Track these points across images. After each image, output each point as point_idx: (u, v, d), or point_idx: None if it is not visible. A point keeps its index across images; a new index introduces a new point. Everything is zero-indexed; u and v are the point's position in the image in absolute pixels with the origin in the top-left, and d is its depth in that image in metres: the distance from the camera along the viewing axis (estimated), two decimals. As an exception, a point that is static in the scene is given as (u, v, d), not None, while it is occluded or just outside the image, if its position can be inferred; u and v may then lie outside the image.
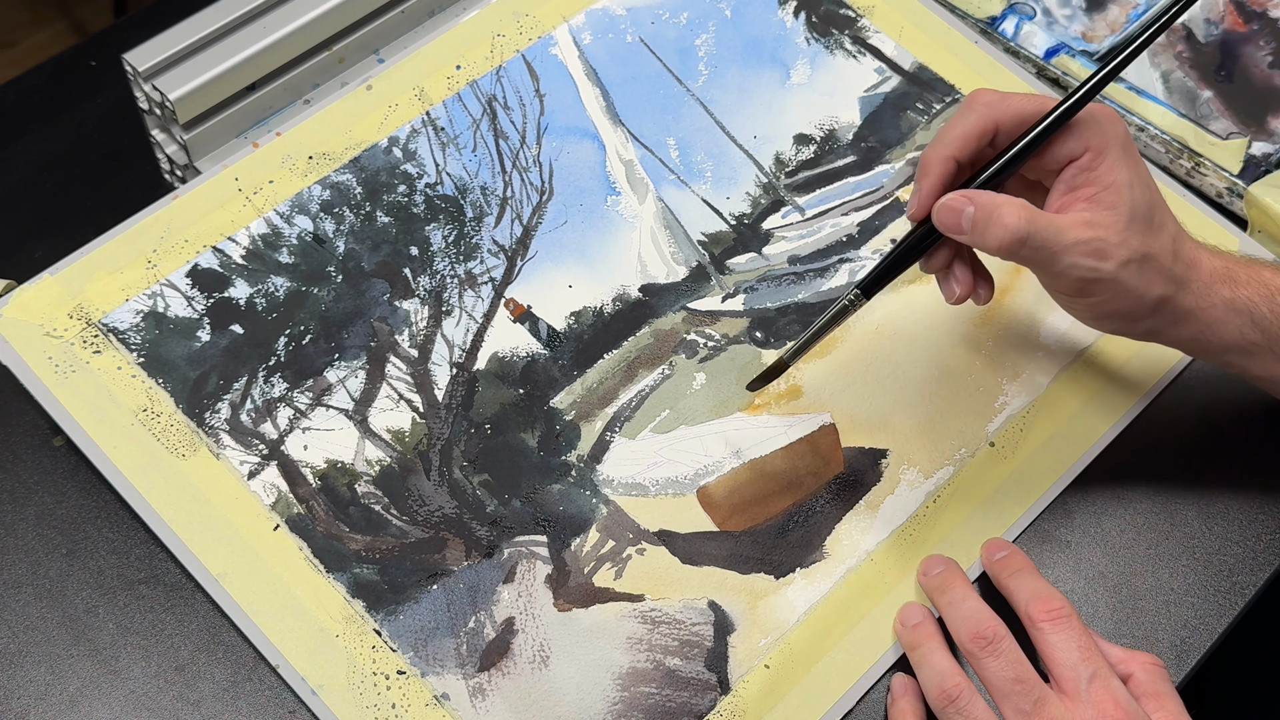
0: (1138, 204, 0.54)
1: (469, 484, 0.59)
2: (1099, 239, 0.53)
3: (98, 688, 0.55)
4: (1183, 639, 0.60)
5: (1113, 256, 0.53)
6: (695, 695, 0.56)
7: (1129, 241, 0.53)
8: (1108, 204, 0.53)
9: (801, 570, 0.59)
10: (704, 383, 0.63)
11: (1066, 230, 0.53)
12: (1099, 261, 0.53)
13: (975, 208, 0.53)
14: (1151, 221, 0.55)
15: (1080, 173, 0.54)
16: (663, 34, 0.73)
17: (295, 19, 0.67)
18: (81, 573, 0.58)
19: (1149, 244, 0.54)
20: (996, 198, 0.53)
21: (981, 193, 0.54)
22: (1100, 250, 0.53)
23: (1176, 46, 0.77)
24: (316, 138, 0.66)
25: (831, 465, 0.62)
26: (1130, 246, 0.54)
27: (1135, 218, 0.54)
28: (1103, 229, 0.53)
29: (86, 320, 0.60)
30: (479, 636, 0.56)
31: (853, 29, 0.75)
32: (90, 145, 0.71)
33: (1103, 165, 0.54)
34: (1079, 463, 0.63)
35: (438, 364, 0.62)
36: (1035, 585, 0.56)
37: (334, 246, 0.64)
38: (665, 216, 0.68)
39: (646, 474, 0.60)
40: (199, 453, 0.58)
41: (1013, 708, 0.52)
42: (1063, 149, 0.54)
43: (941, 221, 0.54)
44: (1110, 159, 0.54)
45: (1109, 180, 0.54)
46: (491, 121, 0.69)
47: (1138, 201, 0.54)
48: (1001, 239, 0.52)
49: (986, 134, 0.55)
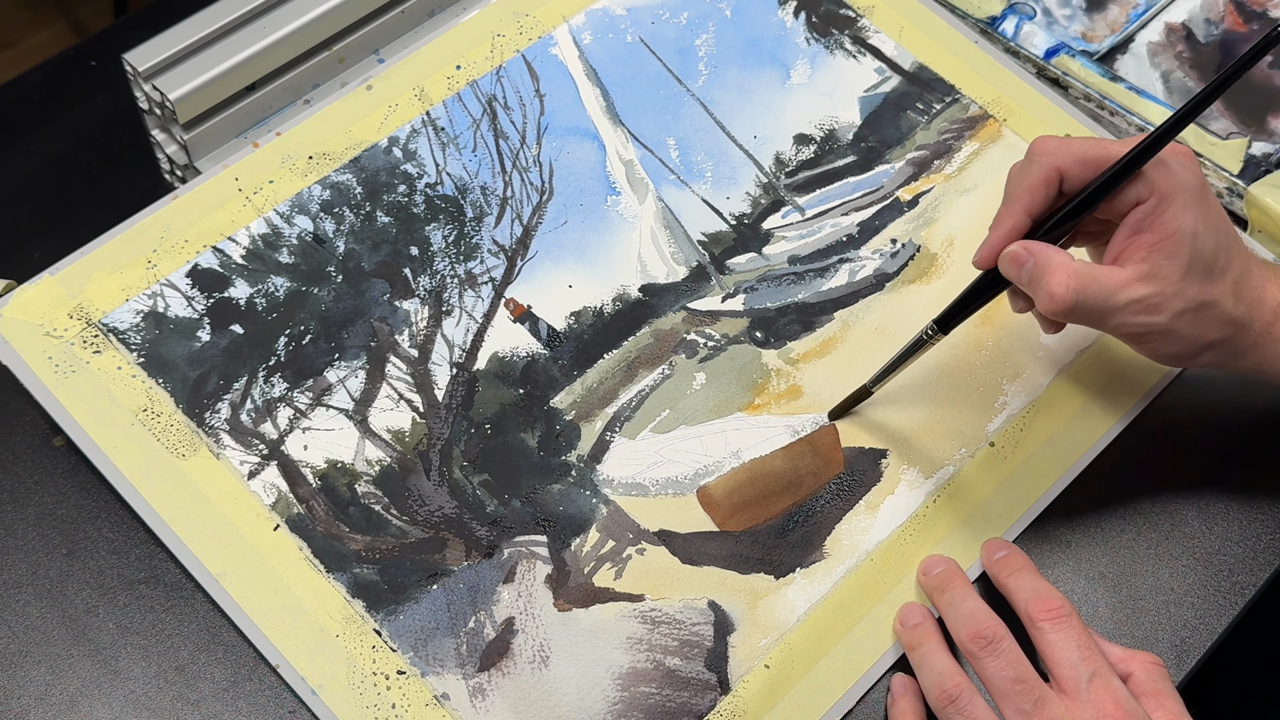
0: (1199, 253, 0.54)
1: (469, 484, 0.59)
2: (1153, 294, 0.53)
3: (98, 688, 0.55)
4: (1183, 639, 0.60)
5: (1166, 309, 0.54)
6: (695, 695, 0.56)
7: (1185, 292, 0.54)
8: (1167, 253, 0.53)
9: (801, 570, 0.59)
10: (704, 383, 0.63)
11: (1118, 291, 0.53)
12: (1152, 317, 0.54)
13: (1033, 264, 0.54)
14: (1213, 268, 0.54)
15: (1145, 217, 0.54)
16: (663, 34, 0.73)
17: (295, 19, 0.67)
18: (81, 573, 0.58)
19: (1207, 292, 0.54)
20: (1051, 259, 0.53)
21: (1042, 249, 0.54)
22: (1154, 306, 0.53)
23: (1176, 46, 0.77)
24: (316, 138, 0.66)
25: (831, 465, 0.62)
26: (1186, 297, 0.54)
27: (1194, 267, 0.54)
28: (1159, 281, 0.53)
29: (86, 320, 0.60)
30: (479, 636, 0.56)
31: (853, 29, 0.75)
32: (90, 145, 0.71)
33: (1168, 212, 0.53)
34: (1079, 463, 0.63)
35: (438, 364, 0.62)
36: (1035, 585, 0.56)
37: (334, 246, 0.64)
38: (665, 216, 0.68)
39: (646, 474, 0.60)
40: (199, 453, 0.58)
41: (1013, 707, 0.52)
42: (1130, 193, 0.54)
43: (1005, 271, 0.55)
44: (1176, 206, 0.53)
45: (1172, 228, 0.53)
46: (491, 121, 0.69)
47: (1200, 250, 0.54)
48: (1047, 305, 0.53)
49: (1052, 183, 0.55)
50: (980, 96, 0.73)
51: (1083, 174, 0.54)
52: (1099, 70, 0.75)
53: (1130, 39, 0.77)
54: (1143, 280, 0.53)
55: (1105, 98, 0.74)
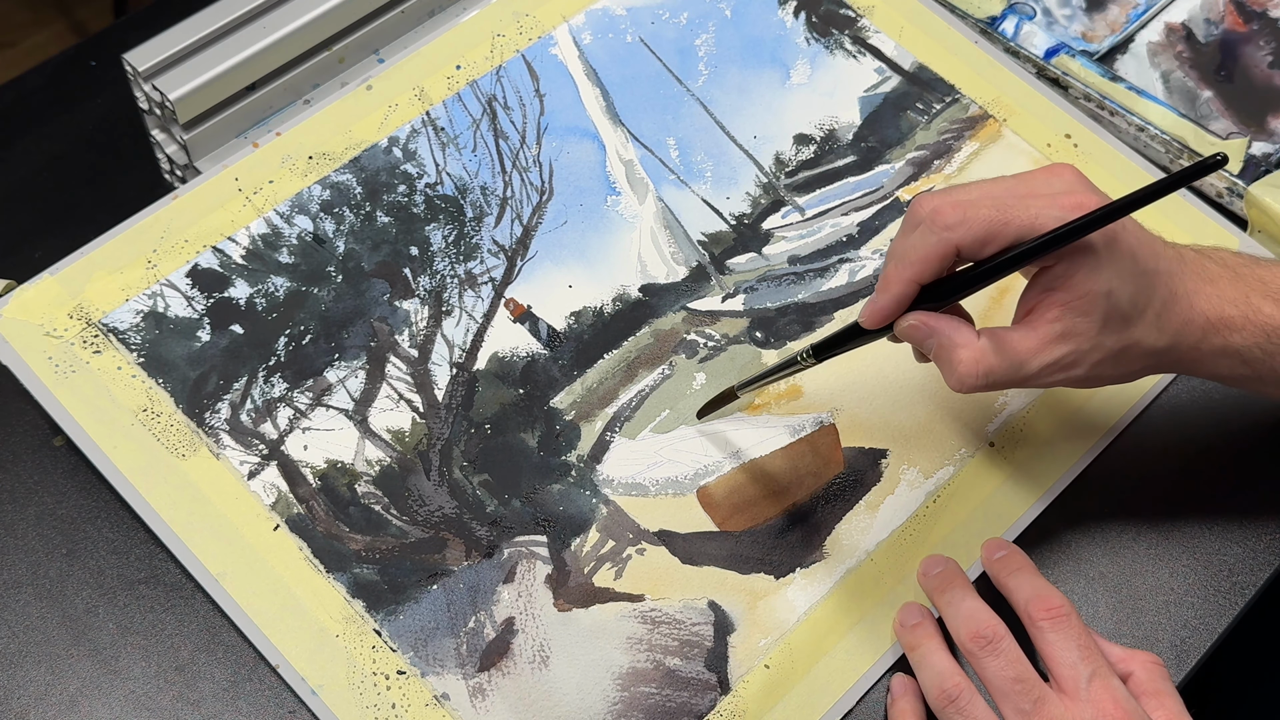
0: (1115, 306, 0.52)
1: (469, 484, 0.59)
2: (1069, 353, 0.52)
3: (98, 688, 0.55)
4: (1183, 639, 0.60)
5: (1083, 364, 0.53)
6: (695, 695, 0.56)
7: (1103, 344, 0.52)
8: (1081, 310, 0.52)
9: (801, 570, 0.59)
10: (704, 383, 0.63)
11: (1032, 359, 0.52)
12: (1069, 372, 0.53)
13: (936, 343, 0.52)
14: (1131, 314, 0.53)
15: (1057, 278, 0.52)
16: (663, 34, 0.73)
17: (295, 19, 0.67)
18: (81, 573, 0.58)
19: (1126, 337, 0.53)
20: (955, 337, 0.51)
21: (942, 327, 0.52)
22: (1070, 364, 0.52)
23: (1176, 46, 0.77)
24: (316, 138, 0.66)
25: (831, 465, 0.62)
26: (1104, 349, 0.52)
27: (1110, 320, 0.52)
28: (1074, 339, 0.52)
29: (86, 320, 0.60)
30: (479, 636, 0.56)
31: (853, 29, 0.75)
32: (90, 145, 0.71)
33: (1078, 274, 0.51)
34: (1079, 463, 0.63)
35: (438, 364, 0.62)
36: (1035, 584, 0.56)
37: (334, 246, 0.64)
38: (665, 216, 0.68)
39: (646, 474, 0.60)
40: (199, 453, 0.58)
41: (1012, 707, 0.52)
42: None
43: (906, 338, 0.53)
44: (1087, 268, 0.51)
45: (1084, 289, 0.51)
46: (491, 121, 0.69)
47: (1115, 304, 0.52)
48: (957, 388, 0.52)
49: (948, 258, 0.52)
50: (980, 96, 0.73)
51: (981, 251, 0.52)
52: (1099, 70, 0.75)
53: (1130, 39, 0.77)
54: (1057, 341, 0.52)
55: (1105, 98, 0.74)
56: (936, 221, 0.51)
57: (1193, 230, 0.70)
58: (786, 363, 0.57)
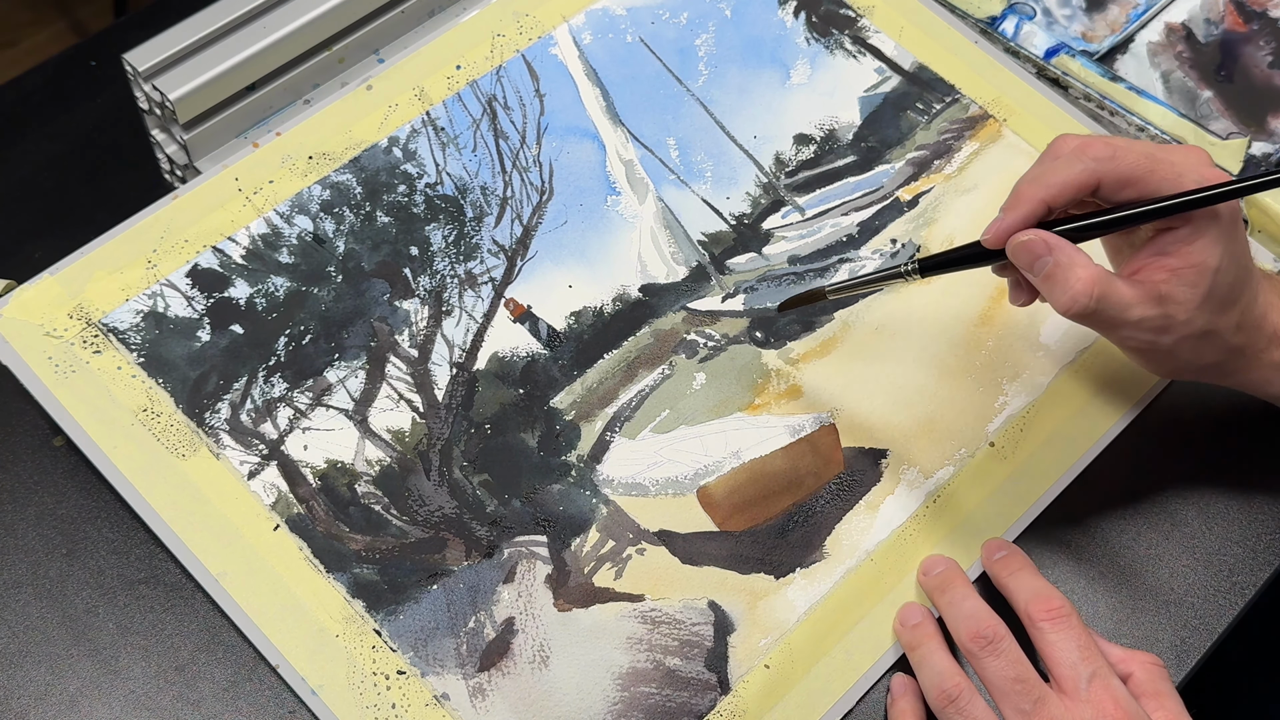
0: (1219, 286, 0.53)
1: (469, 484, 0.59)
2: (1166, 316, 0.53)
3: (98, 688, 0.55)
4: (1183, 639, 0.60)
5: (1174, 332, 0.53)
6: (695, 695, 0.56)
7: (1194, 320, 0.53)
8: (1189, 281, 0.53)
9: (801, 570, 0.59)
10: (704, 383, 0.63)
11: (1134, 306, 0.52)
12: (1158, 336, 0.53)
13: (1053, 261, 0.52)
14: (1227, 300, 0.54)
15: (1174, 244, 0.53)
16: (663, 34, 0.73)
17: (295, 19, 0.67)
18: (81, 573, 0.58)
19: (1215, 321, 0.54)
20: (1075, 258, 0.52)
21: (1063, 245, 0.52)
22: (1163, 328, 0.53)
23: (1176, 46, 0.77)
24: (316, 138, 0.66)
25: (831, 465, 0.62)
26: (1194, 325, 0.53)
27: (1211, 299, 0.53)
28: (1173, 306, 0.53)
29: (86, 320, 0.60)
30: (479, 636, 0.56)
31: (853, 29, 0.75)
32: (90, 145, 0.71)
33: (1197, 243, 0.52)
34: (1079, 463, 0.63)
35: (438, 364, 0.62)
36: (1035, 585, 0.56)
37: (334, 246, 0.64)
38: (665, 216, 0.68)
39: (646, 474, 0.60)
40: (199, 453, 0.58)
41: (1013, 707, 0.52)
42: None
43: (1016, 256, 0.53)
44: (1208, 239, 0.52)
45: (1198, 259, 0.52)
46: (491, 121, 0.69)
47: (1219, 284, 0.53)
48: (1066, 307, 0.52)
49: (1088, 188, 0.53)
50: (980, 96, 0.73)
51: (1118, 190, 0.53)
52: (1099, 70, 0.75)
53: (1130, 39, 0.77)
54: (1158, 301, 0.53)
55: (1105, 98, 0.74)
56: (1087, 152, 0.53)
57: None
58: (888, 271, 0.57)
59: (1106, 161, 0.52)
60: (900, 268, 0.57)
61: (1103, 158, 0.52)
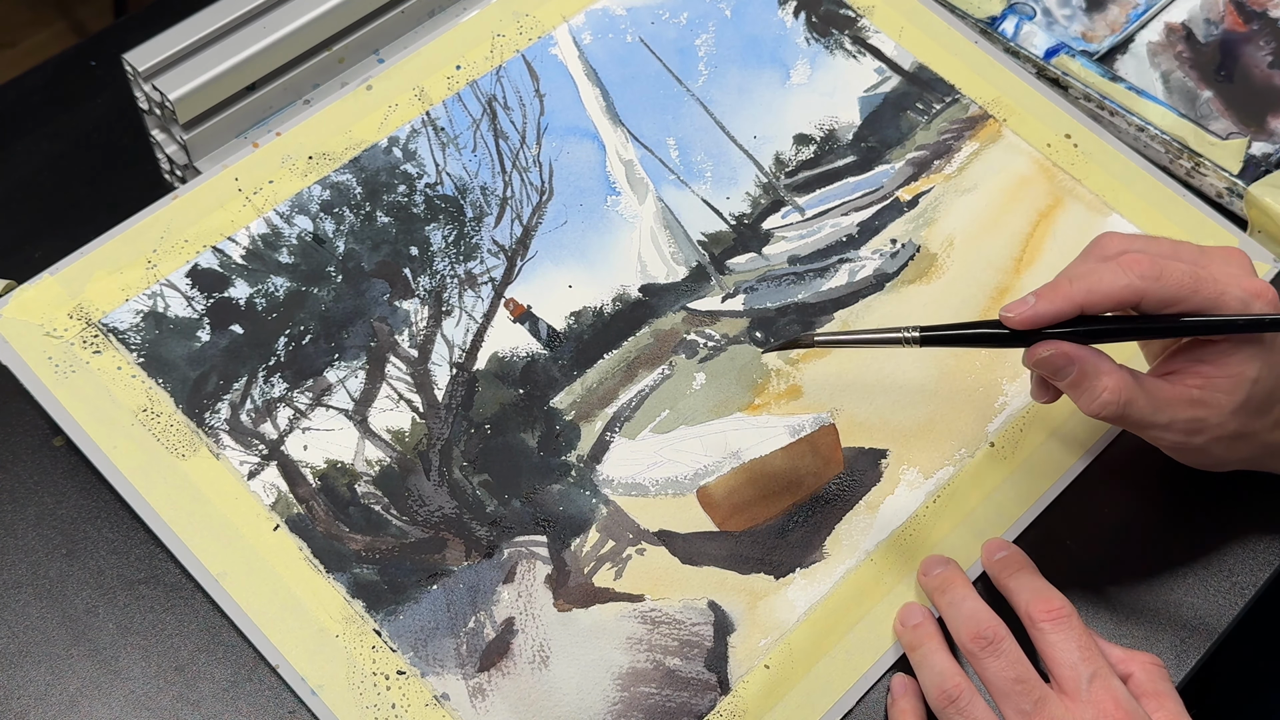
0: (1256, 395, 0.53)
1: (469, 484, 0.59)
2: (1199, 419, 0.53)
3: (98, 688, 0.55)
4: (1183, 639, 0.60)
5: (1207, 434, 0.54)
6: (695, 695, 0.56)
7: (1227, 424, 0.53)
8: (1225, 390, 0.53)
9: (801, 570, 0.59)
10: (704, 383, 0.63)
11: (1164, 408, 0.53)
12: (1190, 438, 0.54)
13: (1077, 371, 0.52)
14: (1264, 406, 0.54)
15: (1213, 353, 0.53)
16: (663, 34, 0.73)
17: (295, 19, 0.67)
18: (81, 573, 0.58)
19: (1249, 424, 0.54)
20: (1100, 365, 0.52)
21: (1085, 356, 0.52)
22: (1196, 429, 0.53)
23: (1176, 46, 0.77)
24: (316, 138, 0.66)
25: (831, 465, 0.62)
26: (1227, 429, 0.54)
27: (1247, 406, 0.53)
28: (1206, 409, 0.53)
29: (86, 320, 0.60)
30: (479, 636, 0.56)
31: (853, 29, 0.75)
32: (90, 145, 0.71)
33: (1235, 356, 0.53)
34: (1079, 463, 0.63)
35: (438, 364, 0.62)
36: (1035, 585, 0.56)
37: (334, 246, 0.64)
38: (665, 216, 0.68)
39: (646, 474, 0.60)
40: (199, 453, 0.58)
41: (1013, 708, 0.52)
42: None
43: (1038, 366, 0.53)
44: (1245, 354, 0.53)
45: (1236, 370, 0.53)
46: (491, 121, 0.69)
47: (1257, 393, 0.53)
48: (1095, 413, 0.53)
49: (1129, 304, 0.53)
50: (980, 96, 0.73)
51: (1160, 309, 0.53)
52: (1099, 70, 0.75)
53: (1130, 39, 0.77)
54: (1191, 405, 0.53)
55: (1105, 98, 0.74)
56: (1133, 268, 0.52)
57: (1193, 230, 0.70)
58: (886, 335, 0.56)
59: (1152, 281, 0.52)
60: (900, 334, 0.55)
61: (1149, 276, 0.52)
